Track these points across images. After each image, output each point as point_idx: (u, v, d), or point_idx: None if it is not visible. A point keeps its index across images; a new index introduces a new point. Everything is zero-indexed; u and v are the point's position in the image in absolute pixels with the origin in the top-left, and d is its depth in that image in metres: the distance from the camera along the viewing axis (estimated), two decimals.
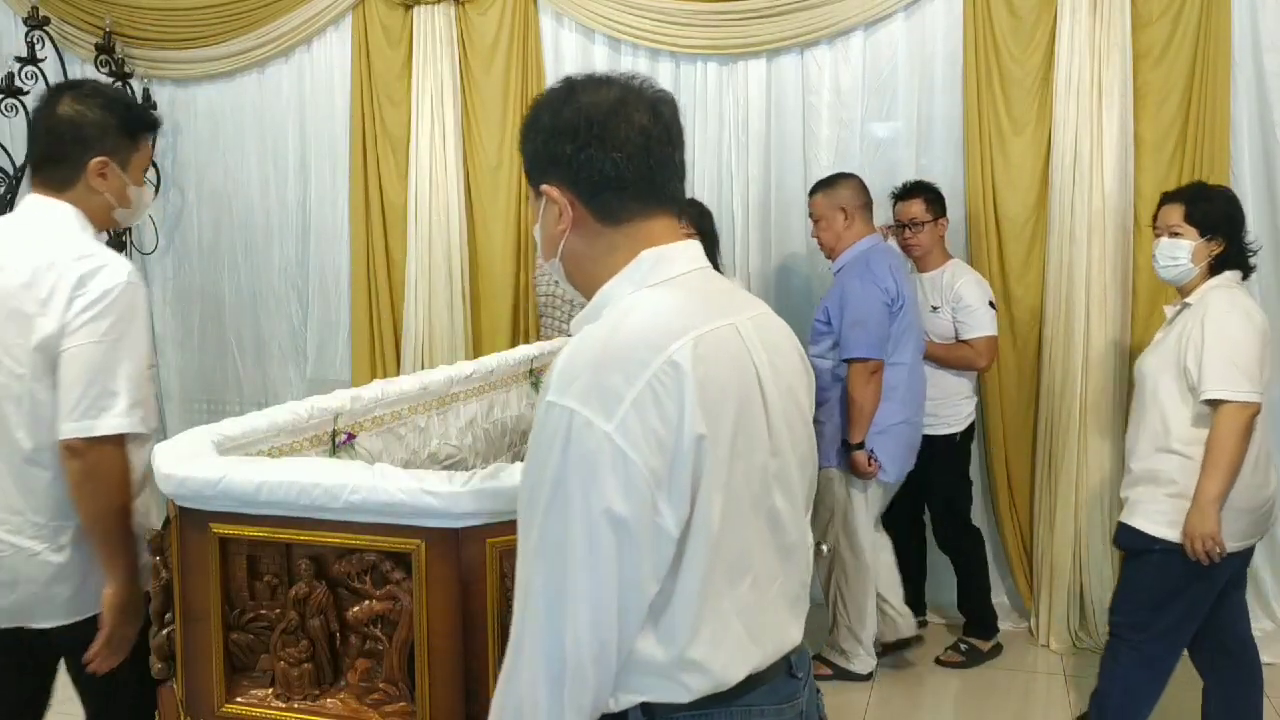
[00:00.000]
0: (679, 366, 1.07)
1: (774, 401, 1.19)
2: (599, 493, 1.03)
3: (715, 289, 1.22)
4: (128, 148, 1.99)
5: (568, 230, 1.21)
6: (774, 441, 1.19)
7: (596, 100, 1.18)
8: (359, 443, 2.19)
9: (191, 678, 1.67)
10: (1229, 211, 2.63)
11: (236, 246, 4.73)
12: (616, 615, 1.06)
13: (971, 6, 3.65)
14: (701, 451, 1.07)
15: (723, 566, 1.12)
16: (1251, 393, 2.40)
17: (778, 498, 1.20)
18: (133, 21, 4.59)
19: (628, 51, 4.10)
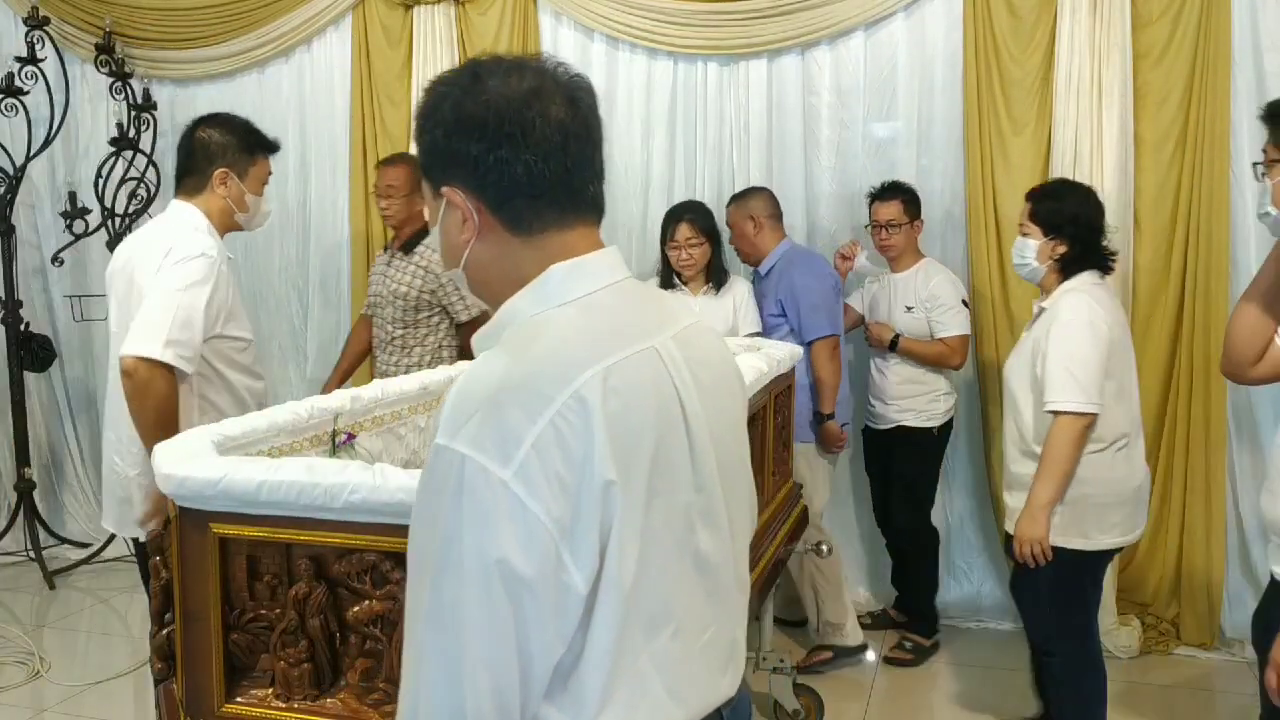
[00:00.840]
0: (586, 402, 0.93)
1: (699, 427, 1.06)
2: (496, 548, 0.90)
3: (634, 305, 1.09)
4: (245, 162, 2.52)
5: (472, 240, 1.07)
6: (698, 475, 1.06)
7: (507, 91, 1.02)
8: (359, 443, 2.19)
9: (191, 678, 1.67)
10: (1076, 211, 2.61)
11: (236, 247, 4.70)
12: (519, 682, 0.93)
13: (971, 6, 3.65)
14: (611, 498, 0.94)
15: (639, 620, 0.99)
16: (1086, 404, 2.46)
17: (704, 538, 1.07)
18: (133, 21, 4.59)
19: (626, 51, 4.10)
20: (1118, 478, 2.57)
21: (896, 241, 3.54)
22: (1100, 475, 2.53)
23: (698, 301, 3.57)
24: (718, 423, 1.10)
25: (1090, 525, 2.54)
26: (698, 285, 3.57)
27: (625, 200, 4.17)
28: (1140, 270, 3.59)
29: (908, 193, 3.56)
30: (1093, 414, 2.48)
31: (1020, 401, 2.63)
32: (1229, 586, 3.61)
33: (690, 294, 3.57)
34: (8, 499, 4.77)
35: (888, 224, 3.53)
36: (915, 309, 3.53)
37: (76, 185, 4.68)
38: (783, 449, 3.16)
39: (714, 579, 1.09)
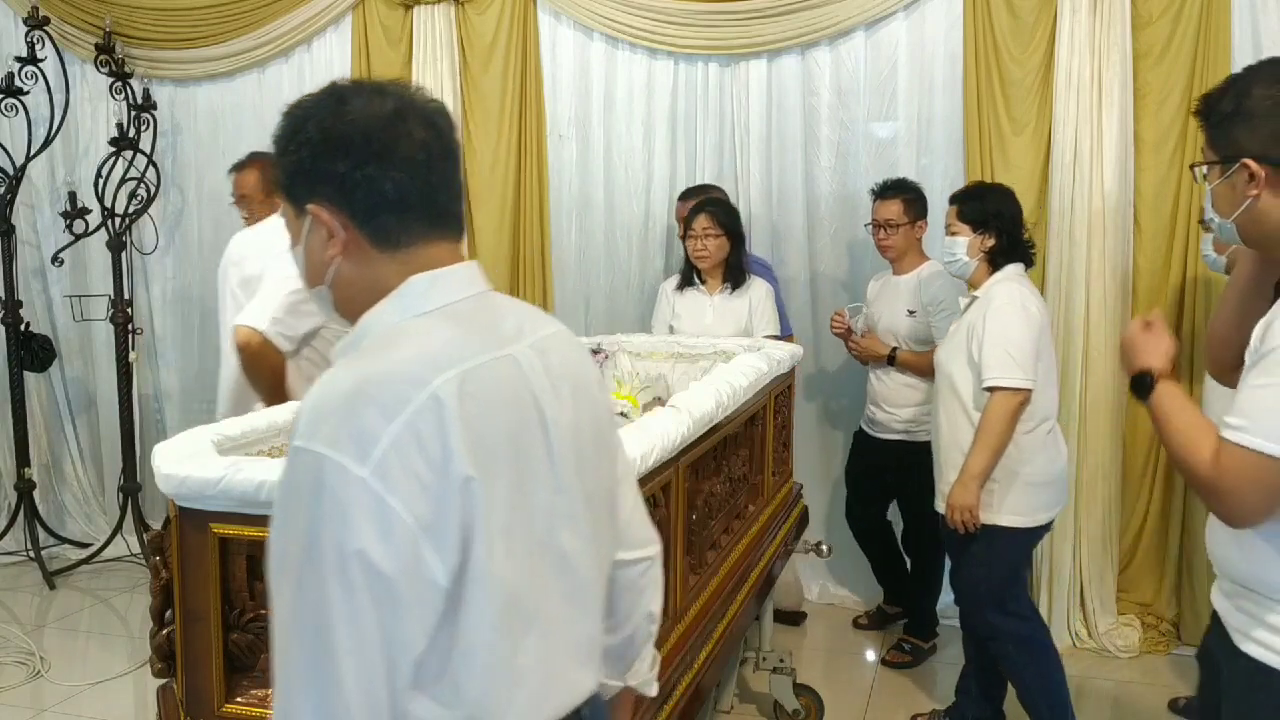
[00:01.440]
0: (443, 403, 0.96)
1: (559, 433, 1.10)
2: (354, 541, 0.91)
3: (493, 315, 1.12)
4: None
5: (338, 256, 1.09)
6: (558, 477, 1.09)
7: (372, 111, 1.06)
8: None
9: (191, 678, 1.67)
10: (999, 208, 2.81)
11: None
12: (384, 673, 0.94)
13: (971, 6, 3.65)
14: (471, 494, 0.96)
15: (507, 618, 1.02)
16: (1022, 380, 2.63)
17: (566, 537, 1.10)
18: (133, 21, 4.59)
19: (626, 51, 4.11)
20: (1049, 457, 2.74)
21: (895, 242, 3.46)
22: (1034, 456, 2.70)
23: (714, 300, 3.57)
24: (578, 429, 1.14)
25: (1026, 504, 2.71)
26: (715, 284, 3.57)
27: (625, 200, 4.17)
28: (1140, 270, 3.58)
29: (911, 191, 3.46)
30: (1027, 390, 2.64)
31: (960, 385, 2.76)
32: None
33: (707, 292, 3.57)
34: (8, 499, 4.77)
35: (886, 223, 3.44)
36: (917, 313, 3.45)
37: (76, 185, 4.68)
38: (783, 449, 3.16)
39: (574, 578, 1.12)
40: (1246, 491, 1.39)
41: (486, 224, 4.24)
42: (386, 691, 0.95)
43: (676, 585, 2.03)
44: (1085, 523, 3.61)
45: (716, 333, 3.46)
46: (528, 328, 1.14)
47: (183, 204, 4.79)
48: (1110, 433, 3.58)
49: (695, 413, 2.06)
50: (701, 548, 2.27)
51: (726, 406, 2.28)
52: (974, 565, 2.77)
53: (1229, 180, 1.49)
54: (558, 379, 1.13)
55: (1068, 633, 3.66)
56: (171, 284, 4.84)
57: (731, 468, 2.53)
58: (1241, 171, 1.46)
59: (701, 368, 3.16)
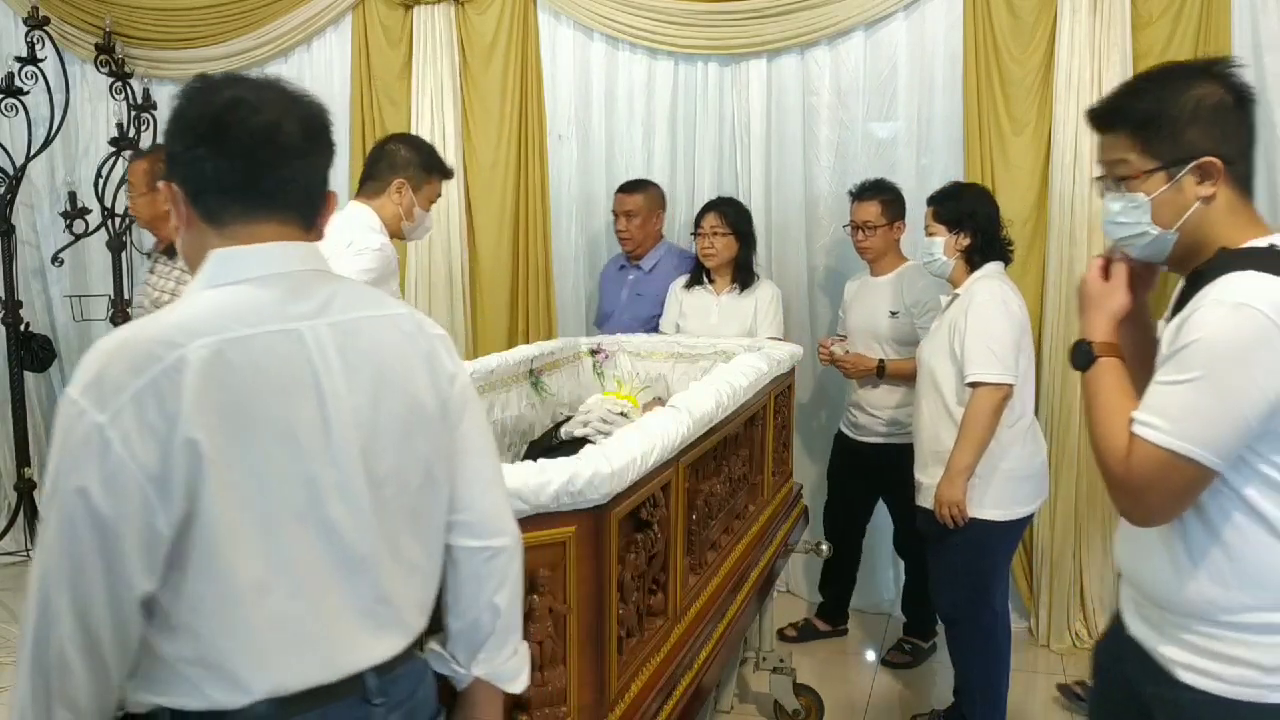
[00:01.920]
0: (188, 364, 1.06)
1: (338, 410, 1.17)
2: (79, 483, 1.02)
3: (294, 293, 1.19)
4: (422, 179, 2.85)
5: (181, 228, 1.23)
6: (333, 451, 1.16)
7: (212, 100, 1.18)
8: None
9: None
10: (975, 208, 2.86)
11: None
12: (107, 607, 1.04)
13: (971, 6, 3.65)
14: (195, 454, 1.05)
15: (248, 573, 1.09)
16: (1004, 375, 2.67)
17: (336, 509, 1.16)
18: (133, 21, 4.59)
19: (626, 51, 4.11)
20: (1029, 452, 2.79)
21: (873, 244, 3.44)
22: (1015, 450, 2.74)
23: (720, 300, 3.57)
24: (373, 410, 1.21)
25: (1007, 497, 2.74)
26: (724, 283, 3.58)
27: None
28: None
29: (889, 192, 3.45)
30: (1010, 385, 2.68)
31: (942, 379, 2.80)
32: None
33: (714, 292, 3.58)
34: (8, 499, 4.77)
35: (864, 225, 3.43)
36: (900, 314, 3.43)
37: (76, 185, 4.68)
38: (782, 449, 3.16)
39: (346, 549, 1.18)
40: (1155, 490, 1.35)
41: (487, 224, 4.24)
42: (108, 627, 1.05)
43: (676, 585, 2.04)
44: (1085, 523, 3.61)
45: (721, 333, 3.46)
46: (339, 308, 1.22)
47: None
48: None
49: (695, 413, 2.06)
50: (701, 548, 2.27)
51: (726, 406, 2.28)
52: (954, 554, 2.80)
53: (1176, 185, 1.41)
54: (356, 361, 1.20)
55: (1068, 633, 3.66)
56: None
57: (731, 468, 2.54)
58: (1193, 173, 1.40)
59: (701, 368, 3.17)
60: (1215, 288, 1.33)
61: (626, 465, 1.65)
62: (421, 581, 1.29)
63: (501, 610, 1.36)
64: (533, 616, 1.54)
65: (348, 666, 1.19)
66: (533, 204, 4.19)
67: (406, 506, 1.25)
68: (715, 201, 3.63)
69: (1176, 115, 1.40)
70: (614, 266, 3.93)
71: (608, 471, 1.58)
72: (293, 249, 1.22)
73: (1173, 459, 1.32)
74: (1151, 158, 1.42)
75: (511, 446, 2.88)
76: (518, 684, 1.42)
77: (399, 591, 1.24)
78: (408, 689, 1.27)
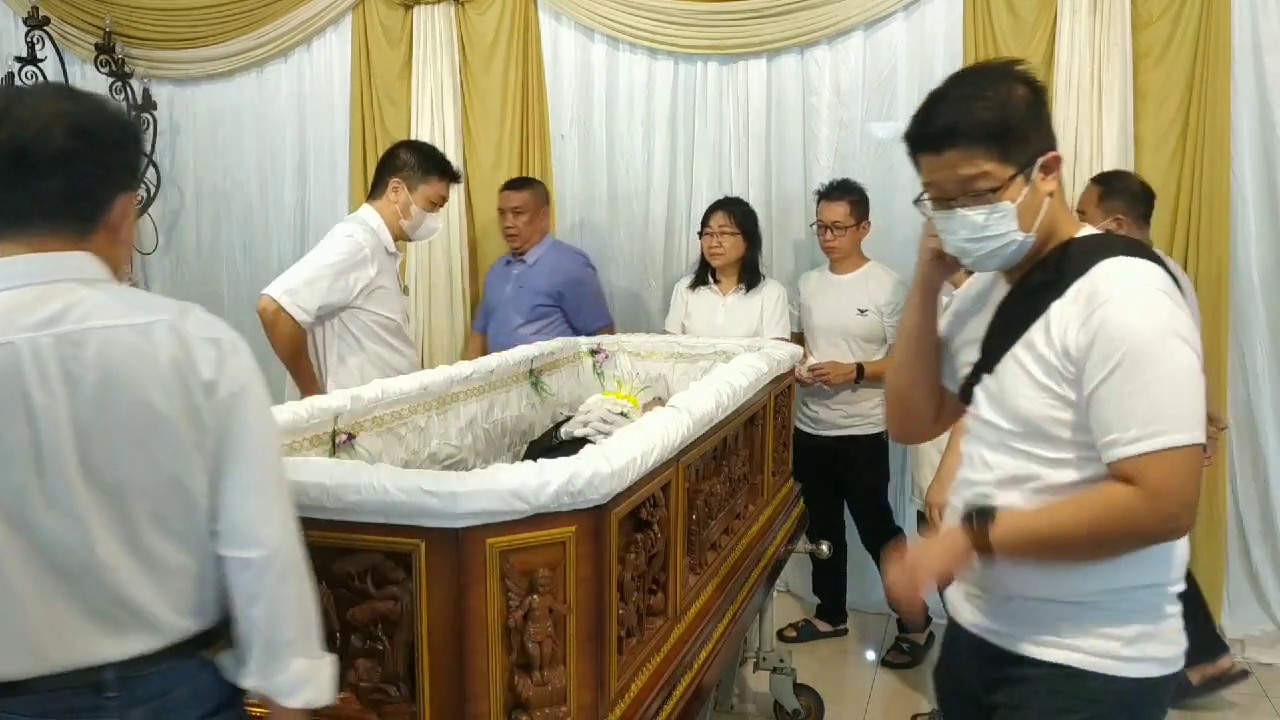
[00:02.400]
0: None
1: (53, 420, 1.21)
2: None
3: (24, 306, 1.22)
4: (418, 178, 2.98)
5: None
6: (42, 462, 1.21)
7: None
8: (359, 443, 2.19)
9: None
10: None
11: (235, 246, 4.74)
12: None
13: (971, 6, 3.65)
14: None
15: None
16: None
17: (44, 517, 1.21)
18: (133, 21, 4.59)
19: (626, 51, 4.10)
20: None
21: (841, 244, 3.47)
22: None
23: (726, 300, 3.57)
24: (100, 417, 1.23)
25: None
26: (730, 283, 3.58)
27: (625, 200, 4.17)
28: None
29: (856, 193, 3.48)
30: None
31: None
32: (1229, 586, 3.61)
33: (720, 292, 3.58)
34: None
35: (833, 225, 3.45)
36: (869, 311, 3.45)
37: None
38: (782, 449, 3.16)
39: (63, 555, 1.23)
40: (1190, 491, 1.34)
41: (488, 224, 4.24)
42: None
43: (676, 585, 2.03)
44: None
45: (728, 333, 3.45)
46: (75, 318, 1.23)
47: (181, 204, 4.79)
48: None
49: (695, 413, 2.06)
50: (701, 548, 2.27)
51: (726, 406, 2.28)
52: None
53: (1032, 187, 1.43)
54: (78, 371, 1.22)
55: None
56: (170, 284, 4.83)
57: (731, 468, 2.53)
58: (1040, 171, 1.44)
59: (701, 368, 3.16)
60: (1104, 281, 1.37)
61: (626, 465, 1.65)
62: (183, 585, 1.31)
63: (256, 623, 1.32)
64: (533, 617, 1.54)
65: (73, 661, 1.25)
66: None
67: (151, 512, 1.27)
68: (723, 201, 3.63)
69: (1020, 118, 1.43)
70: (500, 263, 3.92)
71: (608, 471, 1.58)
72: (40, 260, 1.26)
73: (1190, 452, 1.32)
74: (1010, 164, 1.42)
75: (511, 446, 2.88)
76: (295, 700, 1.35)
77: (144, 595, 1.28)
78: (159, 687, 1.30)
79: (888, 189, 3.65)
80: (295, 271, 2.84)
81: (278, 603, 1.33)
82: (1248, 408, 3.56)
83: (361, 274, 2.88)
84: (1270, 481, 3.56)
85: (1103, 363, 1.34)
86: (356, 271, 2.86)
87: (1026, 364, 1.44)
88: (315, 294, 2.81)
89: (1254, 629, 3.58)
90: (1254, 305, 3.53)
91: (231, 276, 4.74)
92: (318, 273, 2.82)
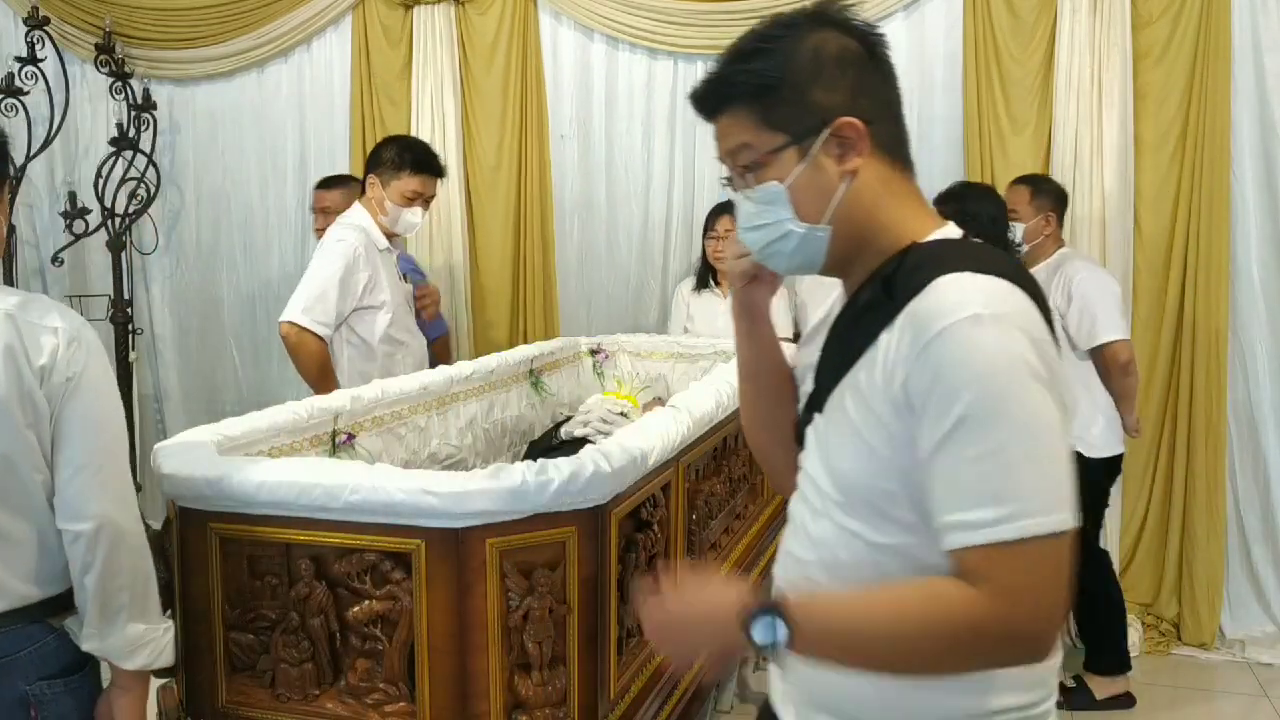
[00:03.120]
0: None
1: None
2: None
3: None
4: (391, 174, 2.97)
5: None
6: None
7: None
8: (359, 443, 2.19)
9: (192, 677, 1.67)
10: (976, 209, 2.82)
11: (235, 246, 4.73)
12: None
13: (971, 6, 3.65)
14: None
15: None
16: None
17: None
18: (133, 21, 4.59)
19: (626, 51, 4.10)
20: None
21: None
22: None
23: (728, 302, 3.56)
24: None
25: None
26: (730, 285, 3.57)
27: (625, 200, 4.17)
28: (1140, 270, 3.58)
29: None
30: None
31: None
32: (1229, 586, 3.61)
33: (723, 295, 3.58)
34: None
35: None
36: None
37: (76, 185, 4.67)
38: None
39: None
40: (1052, 596, 0.95)
41: (489, 224, 4.24)
42: None
43: None
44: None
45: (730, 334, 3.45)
46: None
47: (181, 204, 4.79)
48: None
49: (695, 413, 2.06)
50: (701, 548, 2.27)
51: (726, 406, 2.28)
52: None
53: (813, 163, 1.07)
54: None
55: (1068, 633, 3.66)
56: (170, 283, 4.83)
57: (731, 468, 2.54)
58: (831, 142, 1.06)
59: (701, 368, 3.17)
60: (937, 306, 0.97)
61: (626, 465, 1.65)
62: (25, 554, 1.45)
63: (90, 590, 1.45)
64: (532, 617, 1.54)
65: None
66: (533, 204, 4.18)
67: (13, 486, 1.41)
68: (728, 203, 3.61)
69: (800, 74, 1.08)
70: None
71: (608, 471, 1.58)
72: None
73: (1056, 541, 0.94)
74: (776, 131, 1.08)
75: (511, 446, 2.88)
76: (131, 662, 1.50)
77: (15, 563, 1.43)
78: (4, 649, 1.44)
79: None
80: (303, 291, 2.85)
81: (109, 572, 1.45)
82: (1248, 408, 3.56)
83: (361, 275, 2.90)
84: (1270, 481, 3.56)
85: (938, 418, 0.95)
86: (356, 274, 2.89)
87: (850, 410, 1.05)
88: (329, 306, 2.84)
89: (1254, 629, 3.58)
90: (1254, 305, 3.53)
91: (231, 276, 4.73)
92: (323, 286, 2.84)
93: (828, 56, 1.09)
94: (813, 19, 1.12)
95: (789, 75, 1.08)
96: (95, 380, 1.48)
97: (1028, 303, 1.00)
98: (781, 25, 1.13)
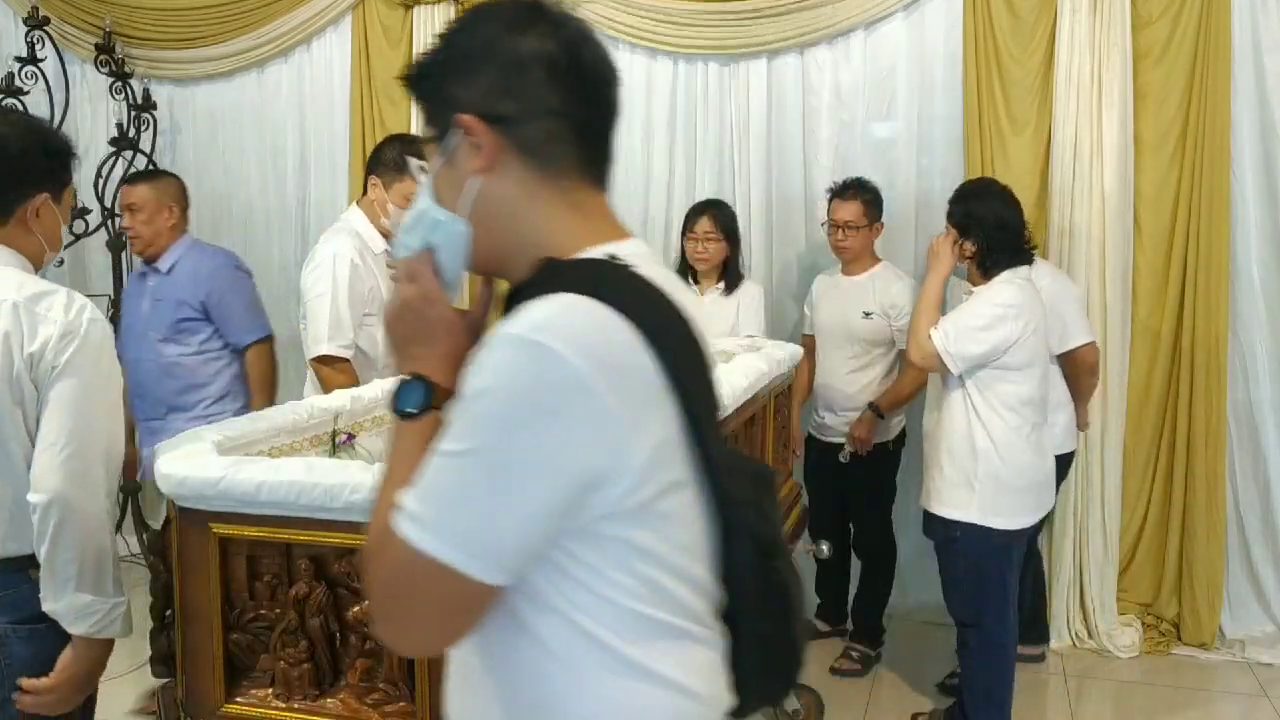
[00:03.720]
0: None
1: None
2: None
3: None
4: (393, 176, 2.88)
5: None
6: None
7: None
8: (359, 443, 2.19)
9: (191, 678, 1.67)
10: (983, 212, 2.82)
11: (236, 246, 4.69)
12: None
13: (971, 6, 3.65)
14: None
15: None
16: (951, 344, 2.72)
17: None
18: (133, 21, 4.59)
19: (626, 51, 4.10)
20: (1033, 462, 2.76)
21: (853, 244, 3.43)
22: (1021, 459, 2.73)
23: (705, 300, 3.56)
24: None
25: (1008, 506, 2.74)
26: (709, 283, 3.57)
27: (625, 200, 4.16)
28: (1140, 270, 3.58)
29: (870, 193, 3.44)
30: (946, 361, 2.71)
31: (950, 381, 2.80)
32: (1229, 586, 3.61)
33: (699, 292, 3.57)
34: None
35: (846, 225, 3.42)
36: (875, 314, 3.42)
37: (76, 185, 4.65)
38: (783, 449, 3.16)
39: None
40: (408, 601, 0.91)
41: None
42: None
43: None
44: (1085, 522, 3.61)
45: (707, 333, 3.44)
46: None
47: None
48: (1112, 432, 3.57)
49: None
50: None
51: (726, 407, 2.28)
52: (956, 559, 2.81)
53: (451, 158, 1.02)
54: None
55: (1068, 633, 3.66)
56: None
57: None
58: (466, 142, 1.00)
59: None
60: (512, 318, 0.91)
61: None
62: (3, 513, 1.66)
63: (44, 556, 1.63)
64: None
65: None
66: None
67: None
68: (706, 205, 3.58)
69: (444, 64, 1.03)
70: (135, 276, 3.46)
71: None
72: None
73: (427, 564, 0.88)
74: (429, 122, 1.06)
75: None
76: (76, 627, 1.67)
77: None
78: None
79: (888, 189, 3.64)
80: (317, 320, 2.80)
81: (58, 543, 1.62)
82: (1248, 408, 3.56)
83: (364, 284, 2.87)
84: (1270, 481, 3.56)
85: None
86: (360, 284, 2.85)
87: None
88: (345, 327, 2.81)
89: (1254, 629, 3.59)
90: (1254, 305, 3.53)
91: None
92: (333, 307, 2.81)
93: (491, 52, 1.00)
94: (516, 12, 1.02)
95: (435, 67, 1.04)
96: (80, 370, 1.64)
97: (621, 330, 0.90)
98: (472, 14, 1.05)
